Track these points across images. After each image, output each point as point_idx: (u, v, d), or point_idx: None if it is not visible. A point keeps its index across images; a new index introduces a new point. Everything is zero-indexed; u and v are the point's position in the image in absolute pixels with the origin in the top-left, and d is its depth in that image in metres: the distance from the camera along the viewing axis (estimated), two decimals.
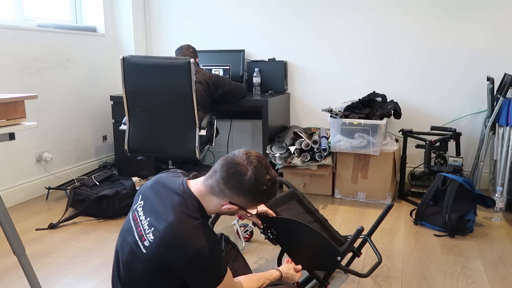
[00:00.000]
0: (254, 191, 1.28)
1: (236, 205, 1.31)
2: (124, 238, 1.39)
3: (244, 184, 1.27)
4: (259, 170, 1.28)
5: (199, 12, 3.93)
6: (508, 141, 2.80)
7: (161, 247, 1.25)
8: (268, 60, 3.72)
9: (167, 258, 1.25)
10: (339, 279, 2.06)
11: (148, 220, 1.30)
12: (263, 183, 1.28)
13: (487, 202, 2.72)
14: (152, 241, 1.27)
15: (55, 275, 2.12)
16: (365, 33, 3.51)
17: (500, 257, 2.27)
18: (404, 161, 3.21)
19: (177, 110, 2.75)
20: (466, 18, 3.25)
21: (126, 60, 2.75)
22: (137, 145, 2.91)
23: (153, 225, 1.28)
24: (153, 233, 1.27)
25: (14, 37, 3.04)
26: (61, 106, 3.46)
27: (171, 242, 1.24)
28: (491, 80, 3.01)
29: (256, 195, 1.29)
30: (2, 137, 1.56)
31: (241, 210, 1.35)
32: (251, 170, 1.27)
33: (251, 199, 1.31)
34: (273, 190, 1.32)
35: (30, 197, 3.21)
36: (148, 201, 1.36)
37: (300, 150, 3.14)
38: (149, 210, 1.34)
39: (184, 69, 2.65)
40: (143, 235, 1.30)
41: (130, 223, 1.38)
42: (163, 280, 1.30)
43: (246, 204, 1.32)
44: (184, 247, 1.22)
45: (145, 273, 1.30)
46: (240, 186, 1.27)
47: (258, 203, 1.36)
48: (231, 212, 1.35)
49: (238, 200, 1.30)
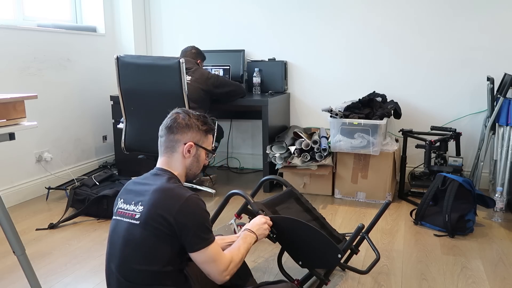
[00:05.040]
0: (193, 123, 1.48)
1: (191, 142, 1.47)
2: (113, 236, 1.43)
3: (183, 122, 1.48)
4: (185, 111, 1.52)
5: (199, 12, 3.93)
6: (508, 141, 2.80)
7: (154, 207, 1.34)
8: (268, 60, 3.72)
9: (161, 214, 1.32)
10: (339, 277, 2.06)
11: (133, 203, 1.40)
12: (194, 116, 1.51)
13: (487, 202, 2.72)
14: (142, 210, 1.36)
15: (55, 275, 2.12)
16: (365, 33, 3.51)
17: (500, 257, 2.27)
18: (404, 161, 3.21)
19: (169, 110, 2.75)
20: (466, 18, 3.25)
21: (120, 59, 2.77)
22: (133, 144, 2.92)
23: (139, 201, 1.39)
24: (141, 204, 1.37)
25: (14, 37, 3.04)
26: (61, 106, 3.46)
27: (162, 198, 1.35)
28: (491, 80, 3.01)
29: (196, 125, 1.49)
30: (2, 137, 1.56)
31: (199, 149, 1.51)
32: (180, 113, 1.50)
33: (196, 130, 1.49)
34: (206, 119, 1.53)
35: (30, 197, 3.21)
36: (127, 196, 1.46)
37: (300, 150, 3.14)
38: (130, 199, 1.43)
39: (174, 69, 2.65)
40: (132, 213, 1.38)
41: (116, 220, 1.44)
42: (160, 247, 1.34)
43: (196, 138, 1.49)
44: (175, 197, 1.35)
45: (143, 243, 1.35)
46: (181, 125, 1.47)
47: (205, 133, 1.52)
48: (195, 159, 1.50)
49: (187, 137, 1.48)
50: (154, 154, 3.01)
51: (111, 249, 1.43)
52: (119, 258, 1.39)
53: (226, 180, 3.72)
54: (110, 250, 1.44)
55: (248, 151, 4.07)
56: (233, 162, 4.10)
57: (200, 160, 1.53)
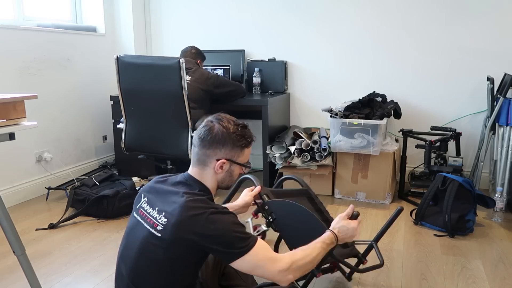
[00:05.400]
0: (228, 137, 1.39)
1: (223, 159, 1.39)
2: (130, 235, 1.39)
3: (217, 136, 1.38)
4: (222, 120, 1.41)
5: (199, 12, 3.93)
6: (508, 141, 2.80)
7: (178, 229, 1.27)
8: (268, 60, 3.72)
9: (186, 236, 1.26)
10: (338, 277, 2.06)
11: (157, 209, 1.34)
12: (233, 128, 1.40)
13: (487, 202, 2.72)
14: (166, 223, 1.29)
15: (55, 275, 2.12)
16: (365, 33, 3.50)
17: (500, 257, 2.27)
18: (404, 161, 3.21)
19: (169, 110, 2.75)
20: (466, 18, 3.25)
21: (120, 59, 2.77)
22: (133, 144, 2.92)
23: (163, 210, 1.32)
24: (165, 216, 1.30)
25: (14, 37, 3.04)
26: (61, 106, 3.46)
27: (186, 219, 1.27)
28: (491, 80, 3.01)
29: (232, 140, 1.39)
30: (2, 137, 1.56)
31: (233, 164, 1.43)
32: (216, 123, 1.40)
33: (231, 146, 1.40)
34: (245, 131, 1.43)
35: (30, 197, 3.21)
36: (152, 197, 1.40)
37: (300, 150, 3.14)
38: (155, 202, 1.37)
39: (174, 69, 2.65)
40: (155, 222, 1.32)
41: (137, 220, 1.39)
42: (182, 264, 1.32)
43: (230, 154, 1.41)
44: (199, 213, 1.28)
45: (164, 263, 1.30)
46: (215, 140, 1.38)
47: (241, 148, 1.42)
48: (228, 174, 1.43)
49: (221, 154, 1.39)
50: (154, 154, 3.05)
51: (126, 250, 1.39)
52: (132, 265, 1.35)
53: None
54: (124, 251, 1.40)
55: None
56: None
57: (234, 174, 1.46)
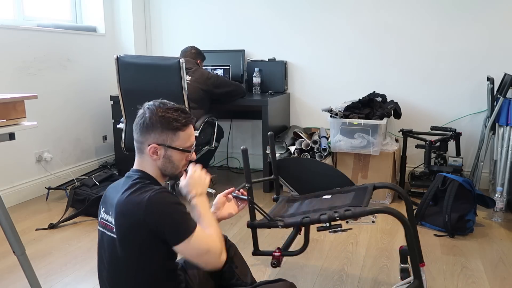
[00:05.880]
0: (157, 121, 1.33)
1: (154, 144, 1.34)
2: (101, 247, 1.37)
3: (146, 121, 1.34)
4: (151, 106, 1.36)
5: (199, 12, 3.93)
6: (508, 141, 2.80)
7: (121, 220, 1.26)
8: (268, 60, 3.72)
9: (132, 224, 1.24)
10: (338, 276, 2.06)
11: (110, 212, 1.32)
12: (162, 111, 1.33)
13: (487, 202, 2.72)
14: (114, 222, 1.28)
15: (55, 275, 2.12)
16: (365, 33, 3.51)
17: (500, 257, 2.27)
18: (404, 161, 3.21)
19: None
20: (466, 18, 3.25)
21: (120, 59, 2.77)
22: (133, 144, 2.90)
23: (112, 212, 1.30)
24: (113, 215, 1.29)
25: (14, 37, 3.04)
26: (61, 106, 3.46)
27: (125, 209, 1.26)
28: (491, 80, 3.01)
29: (161, 123, 1.33)
30: (2, 137, 1.56)
31: (168, 149, 1.35)
32: (146, 109, 1.36)
33: (160, 130, 1.34)
34: (176, 114, 1.34)
35: (30, 197, 3.21)
36: (106, 203, 1.38)
37: (300, 150, 3.14)
38: (108, 208, 1.35)
39: (174, 69, 2.65)
40: (111, 225, 1.30)
41: (102, 231, 1.36)
42: (147, 257, 1.28)
43: (161, 138, 1.34)
44: (138, 202, 1.24)
45: (128, 260, 1.28)
46: (144, 125, 1.34)
47: (173, 131, 1.35)
48: (167, 160, 1.36)
49: (151, 139, 1.34)
50: None
51: (100, 264, 1.38)
52: (108, 273, 1.34)
53: (226, 180, 3.72)
54: (100, 265, 1.38)
55: (248, 151, 4.06)
56: (233, 162, 4.10)
57: (174, 160, 1.37)
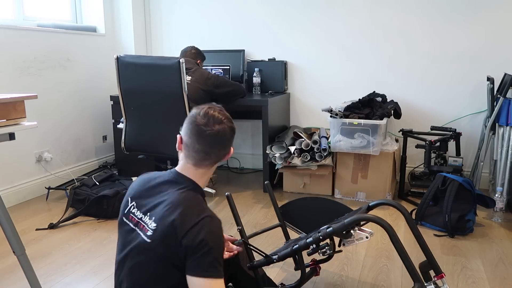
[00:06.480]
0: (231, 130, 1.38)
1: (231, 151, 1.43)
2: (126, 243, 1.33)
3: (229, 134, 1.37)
4: (217, 115, 1.35)
5: (199, 12, 3.93)
6: (508, 141, 2.80)
7: (164, 226, 1.22)
8: (268, 60, 3.72)
9: (171, 234, 1.20)
10: (338, 276, 2.06)
11: (149, 215, 1.29)
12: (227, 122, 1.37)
13: (487, 202, 2.72)
14: (155, 228, 1.24)
15: (55, 275, 2.12)
16: (365, 33, 3.51)
17: (500, 257, 2.27)
18: (404, 161, 3.21)
19: (169, 110, 2.75)
20: (466, 18, 3.25)
21: (120, 59, 2.77)
22: (133, 144, 2.92)
23: (152, 214, 1.28)
24: (154, 220, 1.26)
25: (14, 37, 3.04)
26: (61, 106, 3.46)
27: (175, 217, 1.22)
28: (491, 80, 3.01)
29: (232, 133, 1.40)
30: (2, 137, 1.56)
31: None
32: (214, 120, 1.33)
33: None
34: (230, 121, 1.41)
35: (30, 197, 3.21)
36: (139, 200, 1.35)
37: (300, 150, 3.14)
38: (143, 206, 1.33)
39: (174, 69, 2.64)
40: (146, 227, 1.27)
41: (132, 228, 1.33)
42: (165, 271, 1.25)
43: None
44: (191, 214, 1.22)
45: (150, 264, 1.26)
46: (230, 138, 1.38)
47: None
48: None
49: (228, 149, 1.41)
50: (154, 154, 3.05)
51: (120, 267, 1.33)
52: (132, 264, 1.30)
53: (226, 180, 3.72)
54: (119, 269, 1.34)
55: (248, 151, 4.07)
56: (233, 162, 4.10)
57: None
